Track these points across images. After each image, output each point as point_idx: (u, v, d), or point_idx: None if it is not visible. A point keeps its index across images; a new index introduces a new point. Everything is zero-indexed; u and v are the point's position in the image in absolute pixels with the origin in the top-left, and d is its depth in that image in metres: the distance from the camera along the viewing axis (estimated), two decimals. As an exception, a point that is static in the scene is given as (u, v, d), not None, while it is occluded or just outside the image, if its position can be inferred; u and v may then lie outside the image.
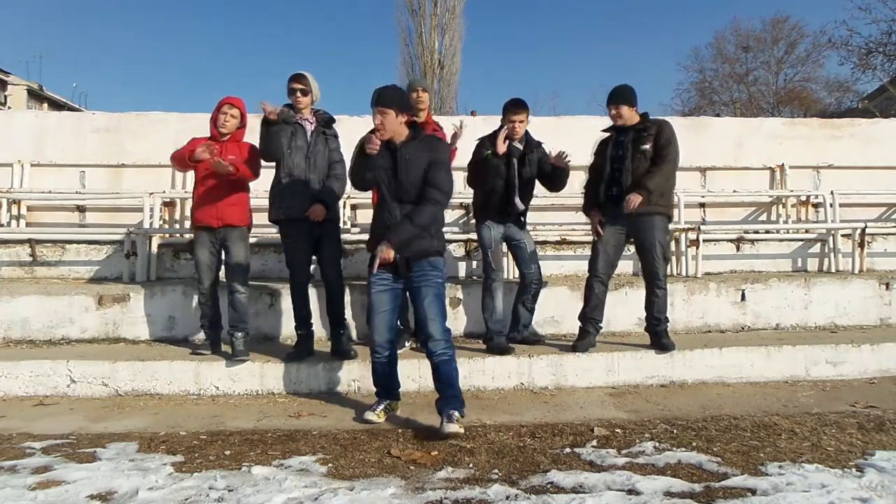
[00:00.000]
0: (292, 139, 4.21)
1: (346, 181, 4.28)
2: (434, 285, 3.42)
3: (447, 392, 3.39)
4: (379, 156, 3.42)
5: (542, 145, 4.63)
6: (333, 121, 4.41)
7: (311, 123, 4.28)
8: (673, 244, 6.00)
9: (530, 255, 4.58)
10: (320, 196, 4.21)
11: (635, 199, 4.18)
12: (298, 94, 4.22)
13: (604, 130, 4.56)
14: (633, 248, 4.66)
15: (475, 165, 4.49)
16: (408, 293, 3.56)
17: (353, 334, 4.99)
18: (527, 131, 4.55)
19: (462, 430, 3.24)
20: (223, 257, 4.40)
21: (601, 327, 4.57)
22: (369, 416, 3.53)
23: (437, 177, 3.37)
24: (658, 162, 4.26)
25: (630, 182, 4.28)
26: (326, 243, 4.31)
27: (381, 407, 3.58)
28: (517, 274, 4.77)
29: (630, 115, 4.36)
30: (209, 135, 4.36)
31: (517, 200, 4.47)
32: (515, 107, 4.43)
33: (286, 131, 4.23)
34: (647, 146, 4.29)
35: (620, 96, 4.37)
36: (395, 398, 3.68)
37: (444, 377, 3.39)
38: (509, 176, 4.44)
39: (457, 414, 3.30)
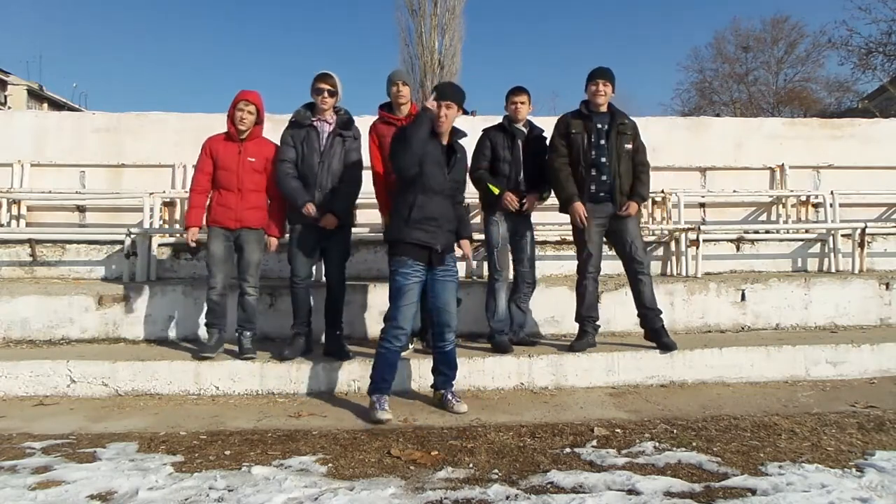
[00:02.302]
0: (305, 142, 4.17)
1: (360, 186, 4.31)
2: (455, 279, 3.78)
3: (450, 374, 3.86)
4: (432, 149, 3.63)
5: (545, 136, 4.62)
6: (352, 122, 4.34)
7: (330, 125, 4.23)
8: (673, 244, 6.01)
9: (529, 253, 4.58)
10: (332, 205, 4.14)
11: (635, 208, 4.35)
12: (326, 94, 4.16)
13: (574, 113, 4.45)
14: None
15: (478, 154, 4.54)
16: (429, 285, 3.72)
17: (358, 334, 4.98)
18: (530, 121, 4.62)
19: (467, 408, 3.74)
20: (235, 257, 4.37)
21: (599, 326, 4.57)
22: (383, 415, 3.52)
23: (465, 180, 3.95)
24: (644, 169, 4.46)
25: (619, 183, 4.31)
26: (334, 246, 4.29)
27: (387, 403, 3.61)
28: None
29: (609, 98, 4.38)
30: (226, 131, 4.29)
31: (521, 180, 4.46)
32: (516, 89, 4.58)
33: (299, 134, 4.20)
34: (630, 146, 4.38)
35: (608, 74, 4.38)
36: (389, 394, 3.70)
37: (452, 362, 3.85)
38: (514, 158, 4.47)
39: (454, 391, 3.86)
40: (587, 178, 4.34)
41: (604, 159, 4.31)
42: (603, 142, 4.32)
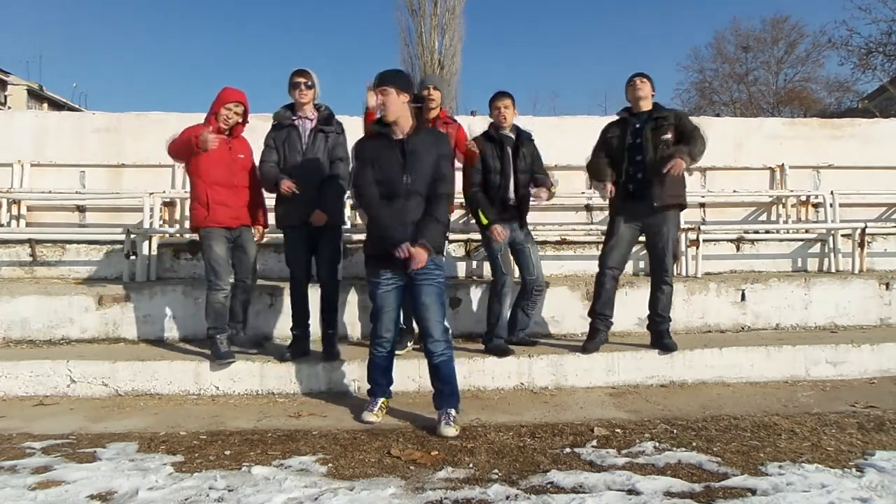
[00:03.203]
0: (287, 143, 4.15)
1: (347, 180, 4.21)
2: (436, 285, 3.42)
3: (445, 390, 3.47)
4: (383, 149, 3.37)
5: (534, 140, 4.56)
6: (333, 116, 4.29)
7: (311, 121, 4.20)
8: (673, 244, 6.01)
9: (533, 261, 4.52)
10: (319, 202, 4.11)
11: (680, 165, 4.01)
12: (302, 87, 4.12)
13: (618, 114, 4.42)
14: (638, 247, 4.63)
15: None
16: (409, 290, 3.51)
17: (358, 334, 4.99)
18: (517, 125, 4.52)
19: (457, 432, 3.31)
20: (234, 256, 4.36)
21: (612, 323, 4.51)
22: (368, 416, 3.54)
23: (447, 171, 3.42)
24: (697, 135, 4.15)
25: (652, 176, 4.13)
26: (324, 245, 4.26)
27: (378, 405, 3.60)
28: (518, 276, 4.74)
29: (650, 97, 4.29)
30: (207, 125, 4.17)
31: (510, 192, 4.38)
32: (498, 94, 4.44)
33: (280, 136, 4.18)
34: (669, 135, 4.18)
35: (643, 74, 4.28)
36: (388, 395, 3.71)
37: (444, 377, 3.46)
38: (503, 166, 4.36)
39: (454, 413, 3.42)
40: (625, 175, 4.25)
41: (639, 157, 4.21)
42: (639, 140, 4.22)
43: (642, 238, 4.46)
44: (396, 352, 3.82)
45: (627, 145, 4.25)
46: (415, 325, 4.51)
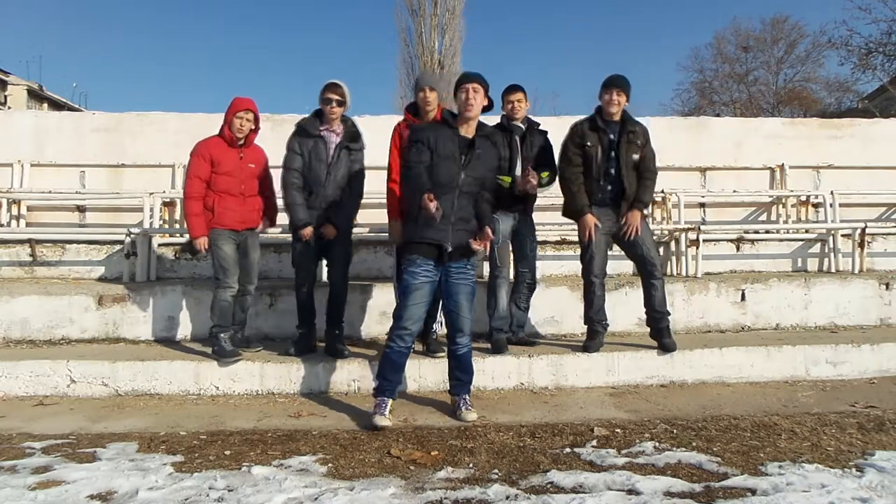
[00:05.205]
0: (313, 152, 4.18)
1: (362, 196, 4.36)
2: (471, 284, 3.63)
3: (464, 378, 3.74)
4: (445, 140, 3.50)
5: (546, 134, 4.58)
6: (360, 135, 4.33)
7: (338, 135, 4.23)
8: (673, 244, 6.01)
9: (530, 254, 4.56)
10: (333, 217, 4.19)
11: (636, 218, 4.28)
12: (334, 104, 4.15)
13: (590, 123, 4.38)
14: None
15: None
16: (442, 286, 3.62)
17: (358, 334, 4.98)
18: (528, 117, 4.56)
19: (477, 416, 3.61)
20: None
21: (608, 325, 4.54)
22: (380, 420, 3.41)
23: (492, 182, 3.71)
24: (649, 175, 4.39)
25: (627, 193, 4.27)
26: (336, 246, 4.29)
27: (388, 407, 3.50)
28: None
29: (622, 107, 4.32)
30: (221, 136, 4.27)
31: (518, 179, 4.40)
32: (510, 88, 4.49)
33: (307, 143, 4.20)
34: (637, 157, 4.32)
35: (624, 84, 4.29)
36: (394, 397, 3.60)
37: (465, 366, 3.73)
38: (511, 157, 4.41)
39: (468, 398, 3.73)
40: (596, 188, 4.33)
41: (613, 171, 4.29)
42: (613, 153, 4.28)
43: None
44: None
45: (604, 157, 4.29)
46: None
